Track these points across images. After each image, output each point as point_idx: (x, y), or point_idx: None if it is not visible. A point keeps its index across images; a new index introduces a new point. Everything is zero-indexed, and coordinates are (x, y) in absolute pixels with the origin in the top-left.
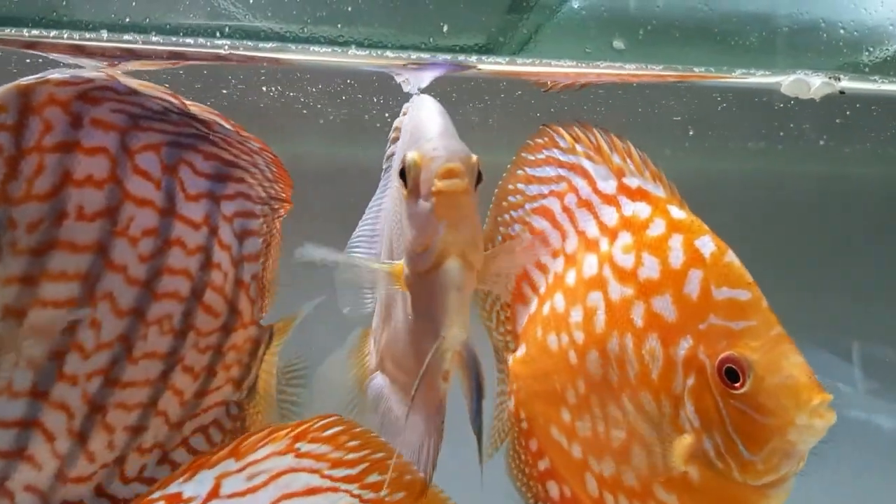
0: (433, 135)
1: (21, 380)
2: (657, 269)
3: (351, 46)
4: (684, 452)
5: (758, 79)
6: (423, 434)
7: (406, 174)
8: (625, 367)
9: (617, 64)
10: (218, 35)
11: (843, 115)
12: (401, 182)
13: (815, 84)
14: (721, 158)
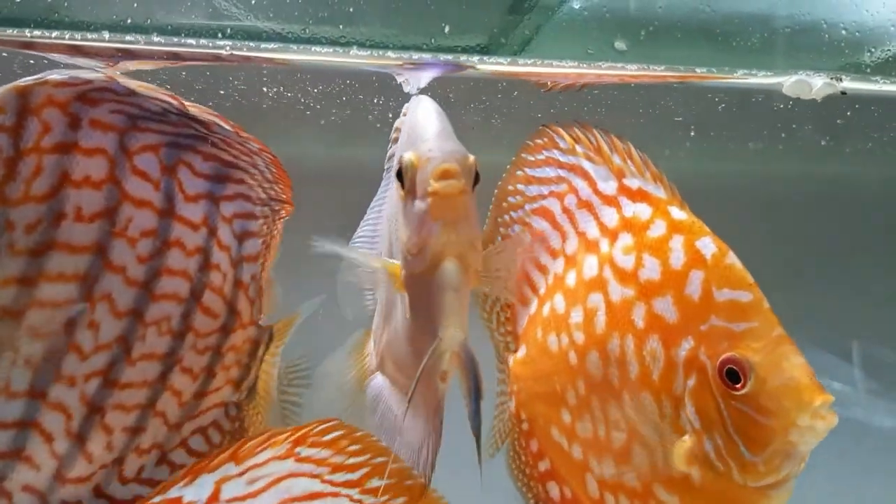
0: (430, 135)
1: (19, 380)
2: (658, 270)
3: (352, 47)
4: (685, 453)
5: (759, 79)
6: (422, 435)
7: (403, 175)
8: (625, 368)
9: (619, 64)
10: (220, 36)
11: (843, 115)
12: (398, 183)
13: (817, 85)
14: (722, 159)
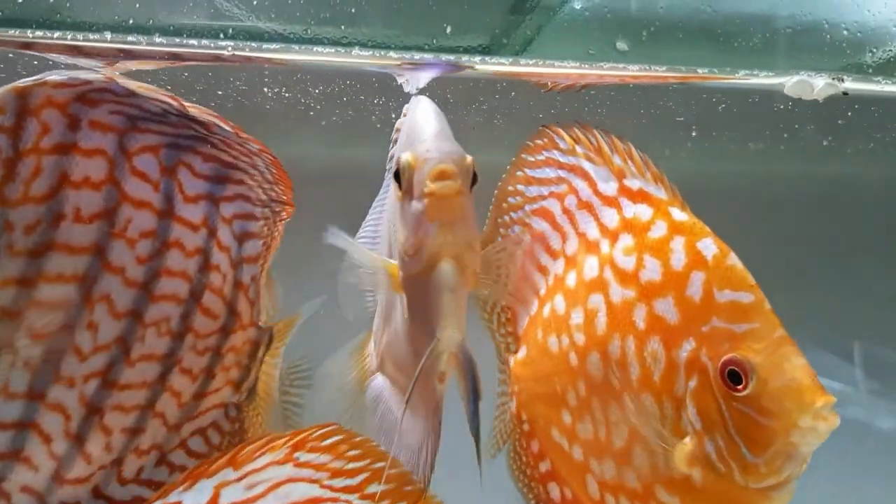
0: (427, 136)
1: (18, 381)
2: (659, 271)
3: (354, 47)
4: (686, 455)
5: (761, 80)
6: (421, 435)
7: (400, 175)
8: (626, 369)
9: (620, 65)
10: (221, 36)
11: (845, 115)
12: (395, 183)
13: (819, 85)
14: (723, 159)
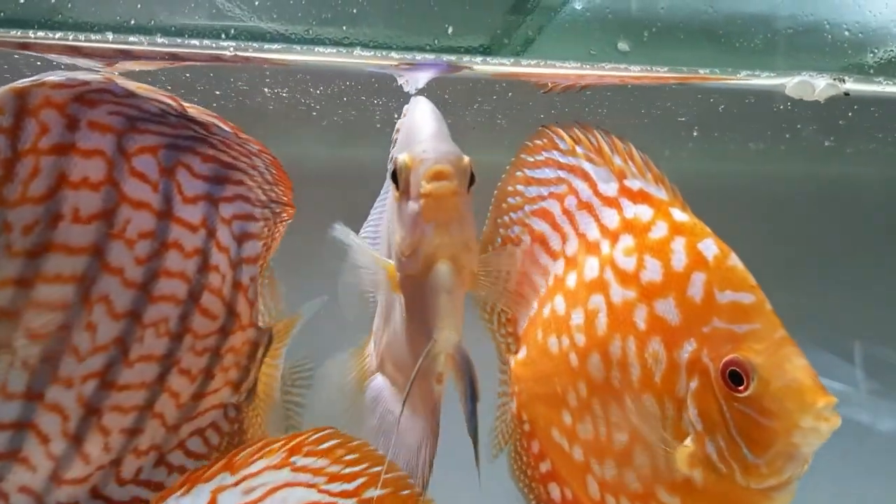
0: (424, 136)
1: (16, 382)
2: (660, 271)
3: (356, 48)
4: (687, 455)
5: (762, 80)
6: (420, 436)
7: (398, 176)
8: (627, 369)
9: (622, 66)
10: (223, 37)
11: (845, 116)
12: (393, 184)
13: (820, 86)
14: (724, 159)
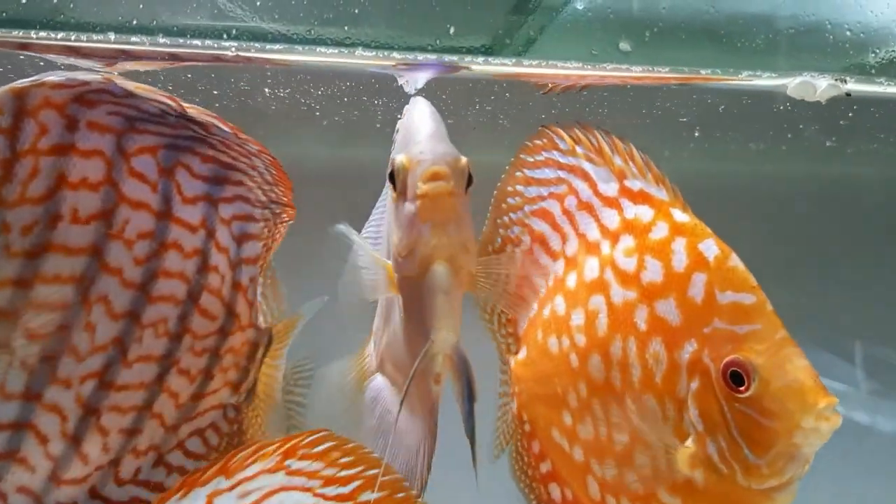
0: (422, 137)
1: (14, 382)
2: (660, 272)
3: (357, 48)
4: (688, 456)
5: (764, 81)
6: (418, 436)
7: (395, 177)
8: (628, 370)
9: (623, 66)
10: (225, 37)
11: (846, 116)
12: (390, 185)
13: (822, 86)
14: (724, 160)
